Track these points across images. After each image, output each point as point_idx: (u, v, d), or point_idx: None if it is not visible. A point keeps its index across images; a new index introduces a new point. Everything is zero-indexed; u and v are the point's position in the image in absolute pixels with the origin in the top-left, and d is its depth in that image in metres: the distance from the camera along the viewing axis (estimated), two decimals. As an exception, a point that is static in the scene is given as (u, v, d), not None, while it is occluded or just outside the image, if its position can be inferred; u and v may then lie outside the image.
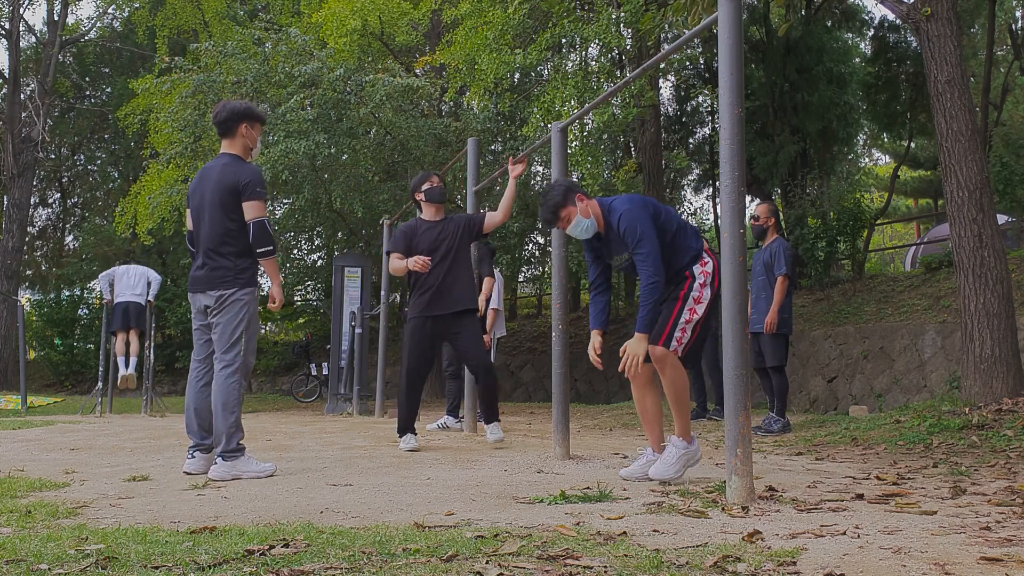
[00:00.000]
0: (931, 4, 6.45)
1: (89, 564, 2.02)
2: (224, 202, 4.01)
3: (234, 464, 3.88)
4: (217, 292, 3.99)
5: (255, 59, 11.69)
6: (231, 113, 4.13)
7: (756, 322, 6.50)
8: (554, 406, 4.53)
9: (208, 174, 4.14)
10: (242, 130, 4.15)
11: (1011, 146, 12.14)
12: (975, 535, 2.35)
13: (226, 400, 3.93)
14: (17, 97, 19.21)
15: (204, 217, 4.07)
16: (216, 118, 4.18)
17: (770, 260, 6.49)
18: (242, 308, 3.99)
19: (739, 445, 2.95)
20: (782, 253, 6.46)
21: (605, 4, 10.42)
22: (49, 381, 21.11)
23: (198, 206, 4.13)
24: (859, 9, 16.62)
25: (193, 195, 4.19)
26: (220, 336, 3.99)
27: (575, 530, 2.48)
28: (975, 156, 6.35)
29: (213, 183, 4.06)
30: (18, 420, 8.57)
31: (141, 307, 9.90)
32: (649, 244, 3.49)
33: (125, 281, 9.95)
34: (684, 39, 3.98)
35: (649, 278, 3.46)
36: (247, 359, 4.02)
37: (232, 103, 4.16)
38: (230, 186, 4.00)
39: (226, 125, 4.14)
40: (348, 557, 2.11)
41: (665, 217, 3.67)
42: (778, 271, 6.42)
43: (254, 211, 4.00)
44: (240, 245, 4.03)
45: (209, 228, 4.04)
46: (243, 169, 4.06)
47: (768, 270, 6.50)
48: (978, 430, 5.14)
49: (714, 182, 19.04)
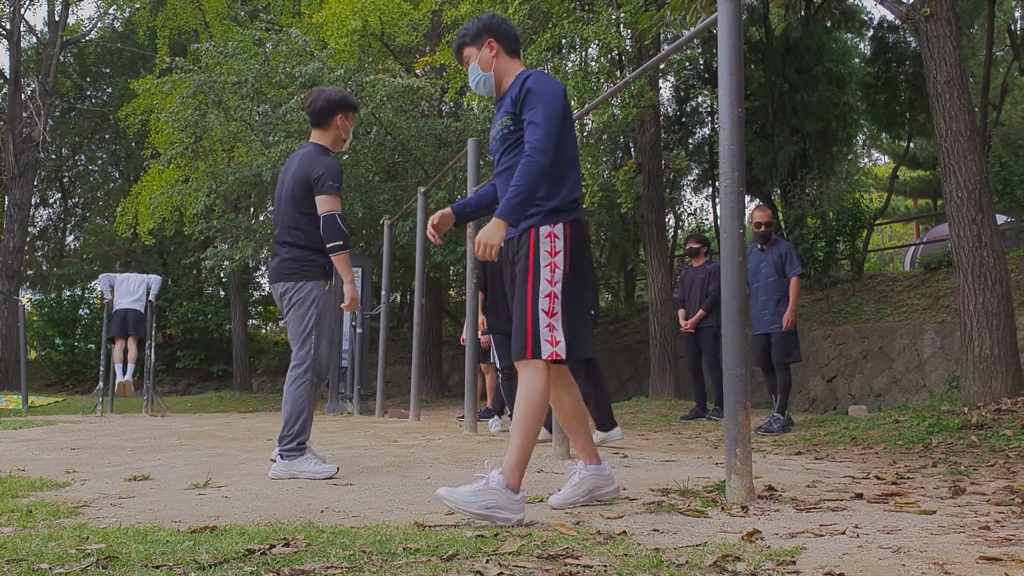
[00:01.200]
0: (930, 4, 6.46)
1: (90, 564, 2.02)
2: (296, 193, 3.90)
3: (292, 464, 3.76)
4: (284, 284, 3.90)
5: (256, 59, 11.69)
6: (327, 102, 3.98)
7: (771, 323, 6.63)
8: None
9: (290, 163, 4.05)
10: (337, 121, 4.02)
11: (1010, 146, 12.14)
12: (974, 535, 2.35)
13: (295, 402, 3.82)
14: (18, 97, 19.22)
15: (280, 207, 4.00)
16: (310, 107, 4.01)
17: (781, 261, 6.67)
18: (311, 302, 3.88)
19: (738, 445, 2.96)
20: (794, 253, 6.71)
21: (605, 4, 10.42)
22: (50, 381, 21.12)
23: (277, 196, 4.06)
24: (858, 9, 16.63)
25: (277, 185, 4.12)
26: (291, 332, 3.91)
27: (575, 529, 2.48)
28: (974, 156, 6.35)
29: (291, 173, 3.97)
30: (19, 420, 8.57)
31: (140, 314, 9.89)
32: (546, 112, 2.77)
33: (124, 288, 9.94)
34: (684, 39, 3.99)
35: (534, 152, 2.72)
36: (319, 356, 3.89)
37: (327, 91, 4.01)
38: (303, 177, 3.90)
39: (321, 115, 4.00)
40: (349, 556, 2.11)
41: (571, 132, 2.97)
42: (793, 271, 6.64)
43: (326, 205, 3.87)
44: (309, 237, 3.91)
45: (281, 218, 3.97)
46: (319, 161, 3.92)
47: (779, 270, 6.66)
48: (977, 430, 5.15)
49: (714, 182, 19.04)
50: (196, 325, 20.61)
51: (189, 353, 20.76)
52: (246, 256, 12.04)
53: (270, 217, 14.98)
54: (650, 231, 12.04)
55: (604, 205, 13.97)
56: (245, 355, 18.47)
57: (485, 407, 8.61)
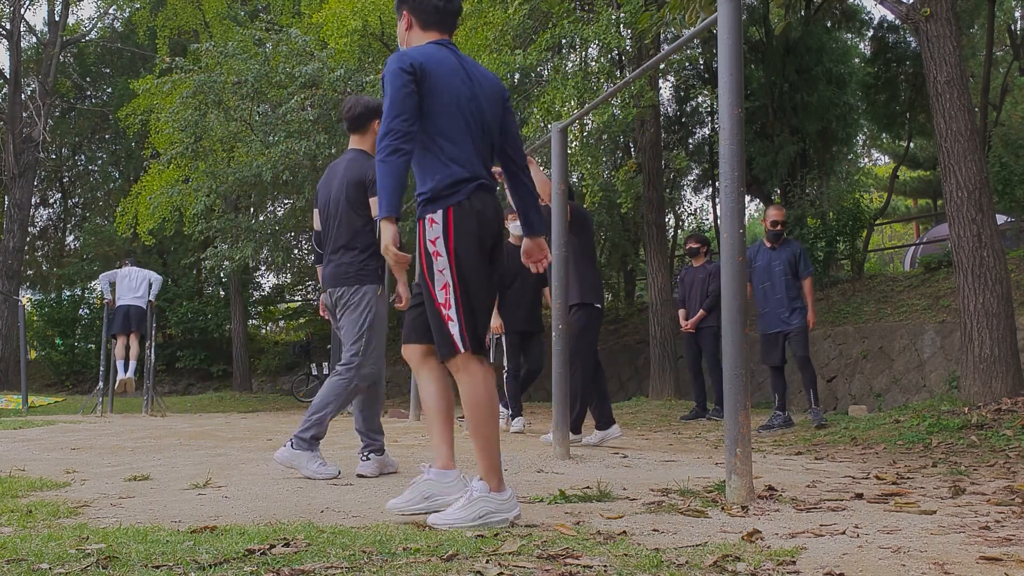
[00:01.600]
0: (930, 4, 6.46)
1: (90, 564, 2.02)
2: (350, 198, 3.94)
3: (297, 455, 3.78)
4: (340, 288, 3.93)
5: (256, 59, 11.69)
6: (366, 108, 4.05)
7: (789, 321, 6.69)
8: (554, 406, 4.53)
9: (335, 170, 4.08)
10: (375, 126, 4.07)
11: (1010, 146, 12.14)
12: (974, 535, 2.35)
13: (325, 396, 3.85)
14: (18, 97, 19.22)
15: (331, 214, 4.01)
16: (349, 113, 4.07)
17: (794, 260, 6.77)
18: (366, 305, 3.92)
19: (738, 445, 2.96)
20: (805, 255, 6.87)
21: (605, 4, 10.42)
22: (50, 381, 21.12)
23: (325, 203, 4.06)
24: (859, 9, 16.63)
25: (320, 192, 4.11)
26: (346, 334, 3.93)
27: (575, 529, 2.48)
28: (974, 156, 6.35)
29: (339, 179, 4.00)
30: (19, 420, 8.57)
31: (142, 311, 9.86)
32: (388, 100, 2.66)
33: (126, 284, 9.91)
34: (684, 39, 3.99)
35: (376, 145, 2.66)
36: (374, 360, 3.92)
37: (365, 98, 4.08)
38: (356, 181, 3.93)
39: (360, 121, 4.07)
40: (349, 556, 2.11)
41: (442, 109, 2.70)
42: (808, 271, 6.79)
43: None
44: (365, 241, 3.95)
45: (336, 224, 3.98)
46: (370, 164, 4.00)
47: (793, 270, 6.76)
48: (977, 430, 5.15)
49: (714, 182, 19.04)
50: (196, 325, 20.61)
51: (189, 353, 20.76)
52: (246, 256, 12.03)
53: (270, 217, 14.97)
54: (650, 231, 12.04)
55: (604, 205, 13.97)
56: (245, 355, 18.48)
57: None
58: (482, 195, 2.72)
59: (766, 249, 6.88)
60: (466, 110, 2.74)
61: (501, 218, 2.80)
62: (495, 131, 2.86)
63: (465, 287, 2.65)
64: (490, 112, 2.82)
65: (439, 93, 2.69)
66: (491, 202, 2.75)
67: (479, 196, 2.71)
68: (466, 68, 2.80)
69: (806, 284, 6.75)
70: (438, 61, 2.73)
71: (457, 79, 2.74)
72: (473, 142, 2.75)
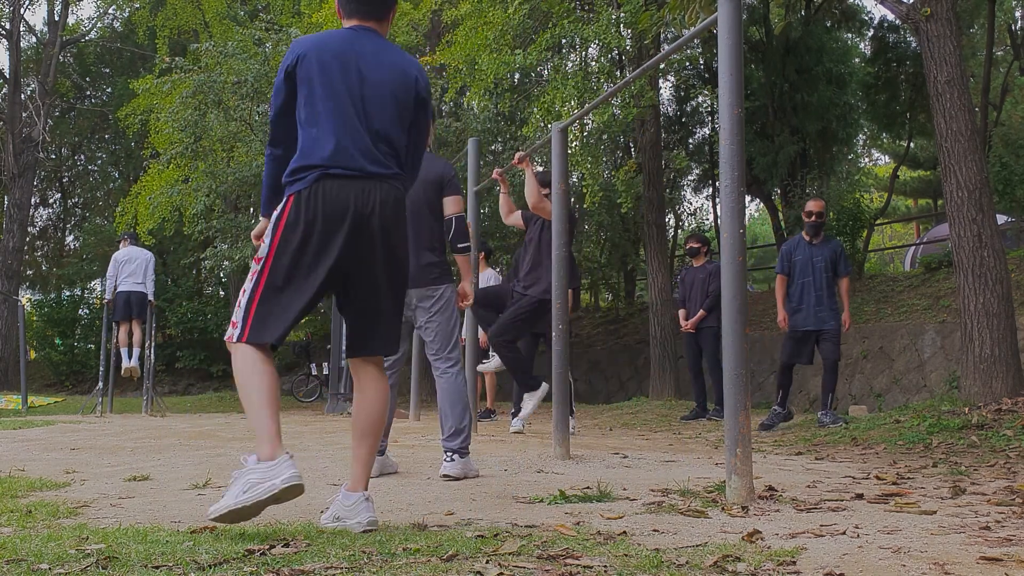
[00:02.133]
0: (931, 4, 6.45)
1: (89, 564, 2.02)
2: (430, 198, 3.93)
3: (468, 461, 3.84)
4: (427, 289, 3.90)
5: (256, 59, 11.69)
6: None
7: (824, 320, 6.54)
8: (554, 406, 4.53)
9: None
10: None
11: (1010, 146, 12.15)
12: (975, 535, 2.35)
13: (464, 397, 3.90)
14: (18, 97, 19.22)
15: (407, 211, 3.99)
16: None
17: (835, 257, 6.64)
18: (452, 304, 3.97)
19: (738, 445, 2.96)
20: (844, 251, 6.77)
21: (605, 4, 10.42)
22: (50, 381, 21.12)
23: None
24: (859, 9, 16.63)
25: None
26: (439, 335, 3.93)
27: (575, 530, 2.48)
28: (974, 156, 6.35)
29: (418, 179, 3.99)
30: (18, 420, 8.57)
31: (143, 295, 9.81)
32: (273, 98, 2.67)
33: (127, 269, 9.86)
34: (684, 39, 3.99)
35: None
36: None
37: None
38: (435, 181, 3.92)
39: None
40: (348, 557, 2.11)
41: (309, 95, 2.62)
42: (847, 270, 6.71)
43: (456, 206, 3.94)
44: (442, 241, 3.97)
45: (414, 224, 3.91)
46: (443, 163, 4.00)
47: (834, 266, 6.62)
48: (977, 430, 5.15)
49: (714, 182, 19.04)
50: (196, 325, 20.61)
51: (189, 353, 20.76)
52: (246, 256, 12.02)
53: (270, 217, 14.94)
54: (650, 231, 12.04)
55: (604, 205, 13.97)
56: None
57: (485, 407, 8.61)
58: (328, 184, 2.54)
59: (805, 244, 6.70)
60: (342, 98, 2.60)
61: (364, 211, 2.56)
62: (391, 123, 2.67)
63: (271, 278, 2.52)
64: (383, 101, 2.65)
65: (313, 81, 2.60)
66: (341, 192, 2.54)
67: (323, 185, 2.54)
68: (361, 54, 2.66)
69: (843, 283, 6.65)
70: (323, 48, 2.63)
71: (338, 65, 2.62)
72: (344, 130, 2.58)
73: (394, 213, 2.62)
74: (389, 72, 2.68)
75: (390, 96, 2.67)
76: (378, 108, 2.64)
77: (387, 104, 2.66)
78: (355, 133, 2.59)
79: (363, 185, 2.57)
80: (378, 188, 2.59)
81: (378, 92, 2.65)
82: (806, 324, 6.60)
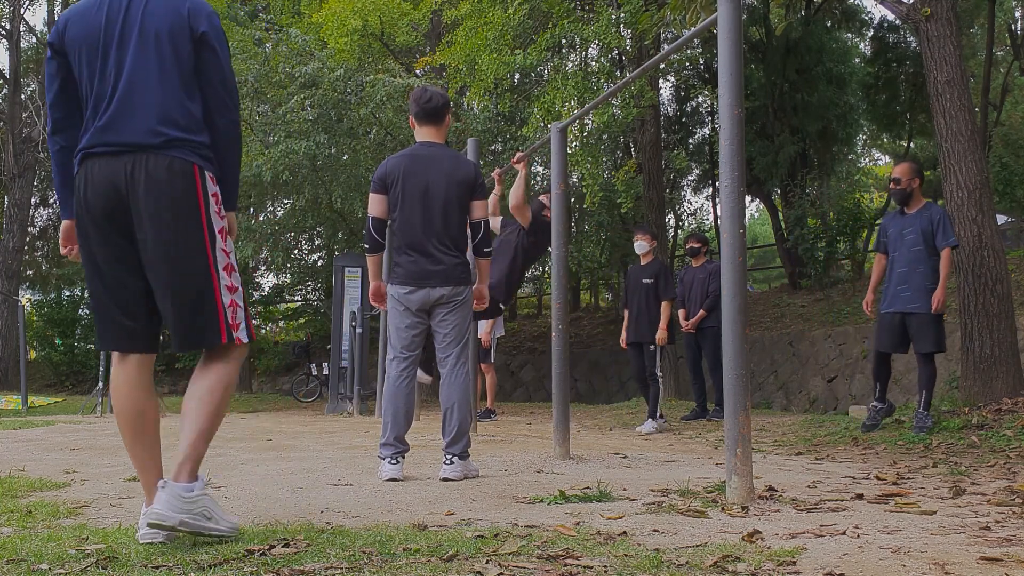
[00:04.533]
0: (931, 4, 6.46)
1: (89, 564, 2.02)
2: (461, 197, 3.87)
3: (468, 463, 3.84)
4: (449, 288, 3.86)
5: (255, 59, 11.69)
6: (444, 101, 3.95)
7: (910, 300, 5.53)
8: (554, 406, 4.53)
9: (434, 163, 3.85)
10: (448, 119, 4.02)
11: (1010, 146, 12.16)
12: (975, 535, 2.35)
13: (468, 400, 3.90)
14: (18, 97, 19.22)
15: (433, 207, 3.84)
16: (429, 103, 3.89)
17: (930, 228, 5.54)
18: (469, 305, 3.98)
19: (739, 445, 2.96)
20: (948, 221, 5.56)
21: (605, 4, 10.42)
22: (49, 381, 21.12)
23: (421, 193, 3.82)
24: (859, 9, 16.65)
25: (407, 181, 3.83)
26: (454, 332, 3.91)
27: (575, 530, 2.48)
28: (974, 156, 6.36)
29: (446, 175, 3.84)
30: (18, 420, 8.57)
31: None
32: None
33: None
34: (684, 39, 3.99)
35: None
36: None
37: (434, 89, 3.97)
38: (467, 182, 3.87)
39: (441, 112, 3.94)
40: (348, 557, 2.11)
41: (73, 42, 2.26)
42: (947, 241, 5.47)
43: (483, 210, 3.93)
44: (465, 242, 3.96)
45: (443, 221, 3.85)
46: (472, 165, 4.00)
47: (927, 239, 5.53)
48: (977, 430, 5.15)
49: (714, 182, 19.05)
50: (196, 325, 20.61)
51: (189, 353, 20.75)
52: (246, 256, 12.03)
53: (270, 217, 14.97)
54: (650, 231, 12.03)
55: (604, 205, 13.96)
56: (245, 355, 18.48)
57: (485, 407, 8.61)
58: (88, 165, 2.26)
59: (895, 216, 5.84)
60: (92, 57, 2.23)
61: (118, 192, 2.25)
62: (171, 71, 2.24)
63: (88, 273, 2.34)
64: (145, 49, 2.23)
65: (70, 48, 2.25)
66: (98, 173, 2.24)
67: (84, 167, 2.27)
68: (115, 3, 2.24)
69: (944, 256, 5.44)
70: (79, 11, 2.26)
71: (86, 21, 2.24)
72: (99, 97, 2.23)
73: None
74: (158, 15, 2.27)
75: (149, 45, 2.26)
76: (140, 65, 2.25)
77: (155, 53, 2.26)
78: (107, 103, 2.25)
79: (111, 161, 2.27)
80: (112, 163, 2.27)
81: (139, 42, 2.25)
82: (890, 306, 5.67)
